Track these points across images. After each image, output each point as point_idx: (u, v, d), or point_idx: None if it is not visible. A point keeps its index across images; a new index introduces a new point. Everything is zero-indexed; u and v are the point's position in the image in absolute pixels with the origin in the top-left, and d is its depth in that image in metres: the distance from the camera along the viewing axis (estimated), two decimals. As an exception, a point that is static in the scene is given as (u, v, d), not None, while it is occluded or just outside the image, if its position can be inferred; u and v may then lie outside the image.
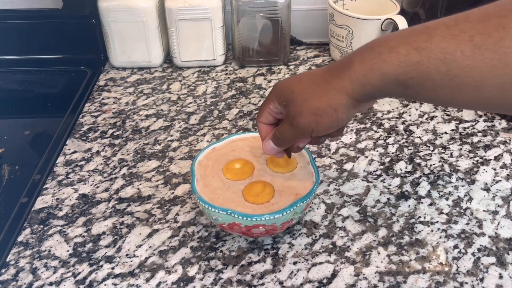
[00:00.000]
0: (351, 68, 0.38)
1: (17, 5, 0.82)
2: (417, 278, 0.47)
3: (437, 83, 0.34)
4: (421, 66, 0.34)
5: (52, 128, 0.69)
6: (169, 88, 0.78)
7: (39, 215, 0.54)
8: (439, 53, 0.34)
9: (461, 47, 0.33)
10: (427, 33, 0.35)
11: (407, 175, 0.60)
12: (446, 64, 0.33)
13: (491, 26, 0.32)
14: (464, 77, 0.33)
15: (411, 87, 0.36)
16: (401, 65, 0.35)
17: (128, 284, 0.46)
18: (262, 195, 0.48)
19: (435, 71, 0.34)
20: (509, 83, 0.32)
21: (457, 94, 0.35)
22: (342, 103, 0.39)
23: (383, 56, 0.36)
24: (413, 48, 0.35)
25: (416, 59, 0.35)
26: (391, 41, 0.36)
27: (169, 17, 0.78)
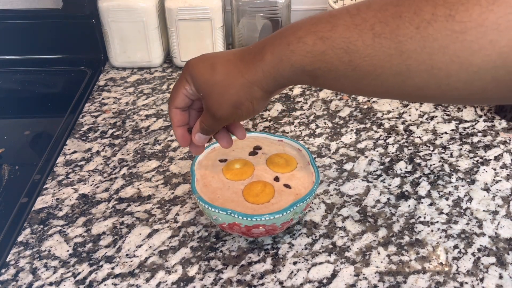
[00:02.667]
0: (262, 59, 0.39)
1: (17, 5, 0.82)
2: (417, 278, 0.47)
3: (340, 73, 0.35)
4: (326, 56, 0.35)
5: (52, 128, 0.69)
6: (169, 88, 0.78)
7: (39, 215, 0.54)
8: (342, 43, 0.34)
9: (362, 36, 0.33)
10: (331, 22, 0.35)
11: (407, 175, 0.60)
12: (348, 53, 0.34)
13: (389, 14, 0.32)
14: (365, 67, 0.34)
15: (318, 77, 0.37)
16: (308, 55, 0.36)
17: (128, 284, 0.46)
18: (262, 195, 0.48)
19: (338, 61, 0.34)
20: (404, 72, 0.32)
21: (360, 84, 0.35)
22: (257, 96, 0.41)
23: (291, 47, 0.36)
24: (318, 38, 0.35)
25: (321, 49, 0.35)
26: (299, 30, 0.36)
27: (169, 17, 0.78)
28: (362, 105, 0.73)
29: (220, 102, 0.42)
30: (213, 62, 0.42)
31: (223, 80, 0.41)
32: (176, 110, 0.46)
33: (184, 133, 0.47)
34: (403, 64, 0.32)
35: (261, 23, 0.80)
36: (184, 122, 0.47)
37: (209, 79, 0.41)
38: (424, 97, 0.34)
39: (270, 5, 0.78)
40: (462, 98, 0.33)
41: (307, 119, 0.70)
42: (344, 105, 0.73)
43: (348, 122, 0.69)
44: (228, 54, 0.42)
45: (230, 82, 0.41)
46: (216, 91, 0.41)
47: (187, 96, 0.44)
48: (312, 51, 0.35)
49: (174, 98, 0.45)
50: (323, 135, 0.67)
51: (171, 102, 0.45)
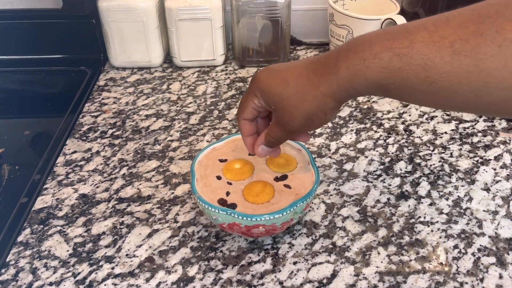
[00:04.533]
0: (337, 73, 0.39)
1: (17, 5, 0.82)
2: (417, 278, 0.47)
3: (416, 88, 0.35)
4: (402, 72, 0.35)
5: (52, 128, 0.69)
6: (169, 88, 0.78)
7: (39, 215, 0.54)
8: (419, 59, 0.34)
9: (441, 53, 0.33)
10: (409, 38, 0.35)
11: (407, 175, 0.60)
12: (425, 70, 0.34)
13: (469, 32, 0.32)
14: (442, 82, 0.34)
15: (391, 91, 0.37)
16: (383, 71, 0.36)
17: (128, 284, 0.46)
18: (262, 195, 0.48)
19: (414, 76, 0.35)
20: (482, 89, 0.33)
21: (433, 98, 0.36)
22: (331, 107, 0.41)
23: (366, 63, 0.37)
24: (395, 54, 0.35)
25: (397, 65, 0.35)
26: (374, 45, 0.37)
27: (169, 17, 0.78)
28: (362, 105, 0.73)
29: (294, 114, 0.42)
30: (285, 76, 0.42)
31: (296, 93, 0.41)
32: (245, 121, 0.47)
33: (253, 142, 0.49)
34: (481, 81, 0.32)
35: (261, 23, 0.80)
36: (253, 132, 0.48)
37: (282, 93, 0.42)
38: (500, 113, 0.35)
39: (270, 5, 0.78)
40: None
41: (307, 119, 0.70)
42: (344, 105, 0.73)
43: (348, 122, 0.69)
44: (297, 66, 0.43)
45: (303, 95, 0.41)
46: (289, 104, 0.42)
47: (255, 109, 0.46)
48: (388, 67, 0.36)
49: (243, 111, 0.46)
50: (323, 135, 0.67)
51: (239, 114, 0.47)
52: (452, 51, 0.33)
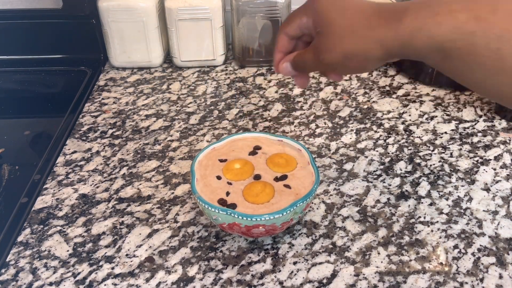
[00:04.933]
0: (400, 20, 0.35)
1: (17, 5, 0.82)
2: (417, 278, 0.47)
3: (481, 59, 0.32)
4: (474, 38, 0.32)
5: (52, 128, 0.69)
6: (169, 88, 0.78)
7: (39, 215, 0.54)
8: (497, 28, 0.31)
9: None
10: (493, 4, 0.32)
11: (407, 175, 0.60)
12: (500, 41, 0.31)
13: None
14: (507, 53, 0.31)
15: (452, 59, 0.33)
16: (454, 31, 0.32)
17: (128, 284, 0.46)
18: (262, 195, 0.48)
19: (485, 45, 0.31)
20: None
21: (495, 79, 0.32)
22: (376, 55, 0.38)
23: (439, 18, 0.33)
24: (473, 17, 0.32)
25: (472, 28, 0.32)
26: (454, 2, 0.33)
27: (169, 17, 0.78)
28: (362, 105, 0.73)
29: (335, 45, 0.38)
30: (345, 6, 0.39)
31: (349, 26, 0.38)
32: (284, 36, 0.44)
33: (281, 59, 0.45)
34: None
35: (261, 23, 0.80)
36: (287, 50, 0.45)
37: (335, 19, 0.39)
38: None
39: (270, 5, 0.78)
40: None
41: (307, 119, 0.70)
42: (344, 105, 0.73)
43: (348, 122, 0.69)
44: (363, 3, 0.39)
45: (355, 30, 0.38)
46: (336, 32, 0.38)
47: (300, 27, 0.42)
48: (461, 28, 0.32)
49: (288, 25, 0.43)
50: (323, 135, 0.67)
51: (282, 27, 0.44)
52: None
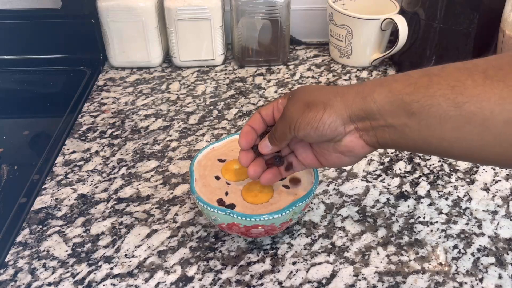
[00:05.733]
0: (363, 83, 0.38)
1: (16, 5, 0.82)
2: (417, 278, 0.47)
3: (443, 110, 0.33)
4: (429, 89, 0.34)
5: (51, 128, 0.69)
6: (168, 88, 0.78)
7: (38, 215, 0.54)
8: (450, 80, 0.33)
9: (472, 76, 0.32)
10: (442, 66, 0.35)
11: (407, 175, 0.60)
12: (455, 91, 0.32)
13: (504, 62, 0.32)
14: (472, 107, 0.32)
15: (415, 115, 0.34)
16: (410, 86, 0.35)
17: (127, 284, 0.46)
18: (261, 195, 0.48)
19: (442, 96, 0.33)
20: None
21: (462, 129, 0.33)
22: (334, 106, 0.38)
23: (395, 77, 0.36)
24: (425, 74, 0.34)
25: (425, 83, 0.34)
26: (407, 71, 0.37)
27: (168, 17, 0.78)
28: (361, 105, 0.73)
29: (299, 98, 0.40)
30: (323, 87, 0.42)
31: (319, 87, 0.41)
32: (257, 114, 0.45)
33: (249, 131, 0.45)
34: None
35: (261, 23, 0.80)
36: (257, 127, 0.45)
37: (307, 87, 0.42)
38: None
39: (270, 5, 0.78)
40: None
41: (306, 119, 0.70)
42: (343, 105, 0.73)
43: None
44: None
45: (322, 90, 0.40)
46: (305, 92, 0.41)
47: (274, 108, 0.44)
48: (416, 83, 0.34)
49: (263, 107, 0.45)
50: (323, 135, 0.66)
51: (260, 109, 0.45)
52: (485, 76, 0.32)
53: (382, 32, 0.79)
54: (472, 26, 0.73)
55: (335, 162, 0.43)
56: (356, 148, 0.40)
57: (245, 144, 0.46)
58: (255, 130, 0.45)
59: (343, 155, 0.41)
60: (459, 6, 0.73)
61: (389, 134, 0.37)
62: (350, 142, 0.40)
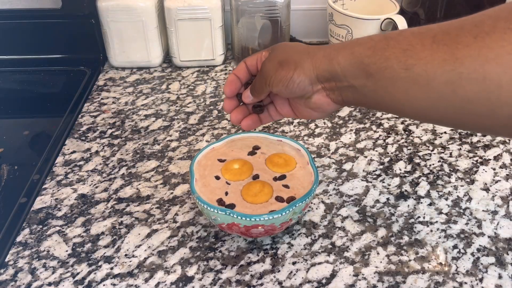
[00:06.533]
0: (332, 46, 0.42)
1: (16, 5, 0.82)
2: (416, 278, 0.47)
3: (395, 71, 0.36)
4: (385, 52, 0.37)
5: (51, 128, 0.69)
6: (168, 88, 0.78)
7: (38, 215, 0.54)
8: (404, 44, 0.36)
9: (422, 40, 0.35)
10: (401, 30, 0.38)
11: (407, 175, 0.60)
12: (406, 54, 0.36)
13: (452, 27, 0.34)
14: (419, 68, 0.35)
15: (372, 75, 0.38)
16: (370, 49, 0.38)
17: (127, 284, 0.46)
18: (261, 195, 0.48)
19: (395, 58, 0.36)
20: (456, 80, 0.33)
21: (410, 91, 0.36)
22: (304, 67, 0.42)
23: (359, 41, 0.40)
24: (385, 38, 0.38)
25: (383, 45, 0.38)
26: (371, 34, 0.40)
27: (168, 17, 0.78)
28: (361, 105, 0.73)
29: (275, 56, 0.44)
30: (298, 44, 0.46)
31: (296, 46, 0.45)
32: (243, 63, 0.49)
33: (234, 80, 0.50)
34: (455, 72, 0.33)
35: (261, 22, 0.79)
36: (242, 76, 0.50)
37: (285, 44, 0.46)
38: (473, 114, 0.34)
39: (270, 5, 0.78)
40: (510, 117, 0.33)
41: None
42: (343, 105, 0.73)
43: (348, 122, 0.69)
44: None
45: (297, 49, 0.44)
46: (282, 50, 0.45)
47: (258, 59, 0.48)
48: (375, 46, 0.38)
49: (249, 57, 0.49)
50: (323, 135, 0.67)
51: (245, 59, 0.50)
52: (433, 40, 0.35)
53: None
54: (472, 26, 0.73)
55: (307, 115, 0.48)
56: (324, 105, 0.44)
57: (229, 92, 0.50)
58: (240, 78, 0.50)
59: (313, 110, 0.46)
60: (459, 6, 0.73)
61: (352, 93, 0.41)
62: (318, 100, 0.44)
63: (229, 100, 0.51)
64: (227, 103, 0.51)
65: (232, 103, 0.51)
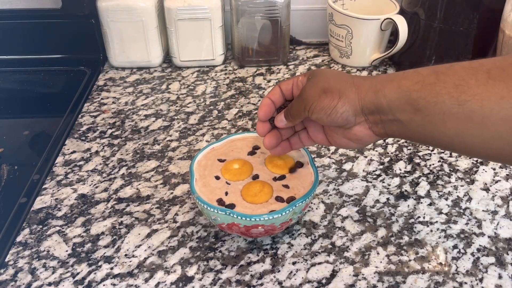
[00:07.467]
0: (377, 77, 0.40)
1: (16, 5, 0.82)
2: (416, 278, 0.47)
3: (446, 107, 0.35)
4: (435, 87, 0.36)
5: (51, 128, 0.69)
6: (168, 88, 0.78)
7: (38, 215, 0.54)
8: (455, 79, 0.35)
9: (476, 76, 0.34)
10: (450, 64, 0.37)
11: (407, 175, 0.60)
12: (459, 89, 0.34)
13: (508, 64, 0.33)
14: (474, 105, 0.34)
15: (421, 110, 0.37)
16: (418, 83, 0.37)
17: (127, 284, 0.46)
18: (261, 195, 0.48)
19: (447, 94, 0.35)
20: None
21: (464, 126, 0.35)
22: (349, 97, 0.41)
23: (405, 74, 0.39)
24: (433, 72, 0.37)
25: (432, 80, 0.36)
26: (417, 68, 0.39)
27: (168, 17, 0.78)
28: (361, 105, 0.73)
29: (318, 83, 0.43)
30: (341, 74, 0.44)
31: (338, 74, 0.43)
32: (278, 88, 0.48)
33: (268, 104, 0.48)
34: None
35: (261, 23, 0.80)
36: (276, 100, 0.48)
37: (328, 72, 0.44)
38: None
39: (270, 5, 0.78)
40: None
41: (306, 119, 0.70)
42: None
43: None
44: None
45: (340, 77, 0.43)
46: (324, 76, 0.43)
47: (294, 84, 0.47)
48: (424, 80, 0.37)
49: (284, 81, 0.48)
50: (323, 135, 0.67)
51: (280, 83, 0.48)
52: (488, 76, 0.34)
53: (382, 32, 0.79)
54: (472, 26, 0.73)
55: (343, 145, 0.46)
56: (364, 137, 0.43)
57: (262, 116, 0.48)
58: (274, 102, 0.48)
59: (351, 141, 0.44)
60: (459, 6, 0.73)
61: (397, 127, 0.40)
62: (359, 132, 0.43)
63: (262, 124, 0.49)
64: (260, 126, 0.49)
65: (265, 126, 0.49)
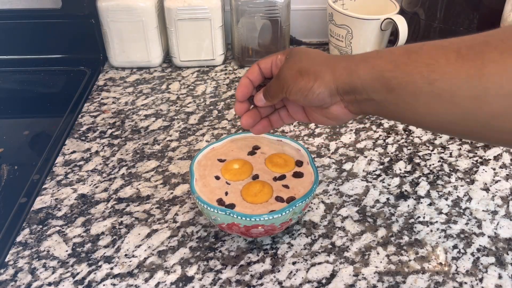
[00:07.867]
0: (351, 56, 0.41)
1: (16, 5, 0.82)
2: (416, 278, 0.47)
3: (418, 86, 0.36)
4: (407, 67, 0.36)
5: (51, 128, 0.69)
6: (168, 88, 0.78)
7: (38, 215, 0.54)
8: (426, 58, 0.36)
9: (447, 55, 0.35)
10: (422, 43, 0.37)
11: (407, 175, 0.60)
12: (429, 68, 0.35)
13: (476, 42, 0.34)
14: (443, 83, 0.34)
15: (394, 89, 0.37)
16: (391, 63, 0.38)
17: (127, 284, 0.46)
18: (261, 195, 0.48)
19: (418, 73, 0.36)
20: (482, 96, 0.33)
21: (434, 105, 0.36)
22: (324, 79, 0.41)
23: (380, 54, 0.39)
24: (406, 52, 0.37)
25: (405, 60, 0.37)
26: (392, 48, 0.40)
27: (168, 17, 0.78)
28: (361, 105, 0.73)
29: (294, 64, 0.43)
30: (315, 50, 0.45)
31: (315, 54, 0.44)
32: (256, 66, 0.48)
33: (246, 83, 0.48)
34: (481, 87, 0.33)
35: (261, 23, 0.80)
36: (254, 79, 0.49)
37: (305, 51, 0.45)
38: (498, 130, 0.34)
39: (270, 5, 0.78)
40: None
41: (306, 119, 0.70)
42: (343, 105, 0.73)
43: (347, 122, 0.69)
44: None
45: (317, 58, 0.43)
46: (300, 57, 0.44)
47: (273, 63, 0.47)
48: (397, 60, 0.37)
49: (263, 59, 0.48)
50: (322, 135, 0.67)
51: (259, 61, 0.48)
52: (457, 54, 0.34)
53: (382, 32, 0.79)
54: (472, 26, 0.73)
55: (322, 122, 0.47)
56: (341, 115, 0.44)
57: (240, 96, 0.49)
58: (252, 81, 0.49)
59: (329, 119, 0.45)
60: (459, 6, 0.73)
61: (371, 106, 0.41)
62: (336, 111, 0.44)
63: (240, 104, 0.50)
64: (238, 106, 0.50)
65: (243, 106, 0.50)
